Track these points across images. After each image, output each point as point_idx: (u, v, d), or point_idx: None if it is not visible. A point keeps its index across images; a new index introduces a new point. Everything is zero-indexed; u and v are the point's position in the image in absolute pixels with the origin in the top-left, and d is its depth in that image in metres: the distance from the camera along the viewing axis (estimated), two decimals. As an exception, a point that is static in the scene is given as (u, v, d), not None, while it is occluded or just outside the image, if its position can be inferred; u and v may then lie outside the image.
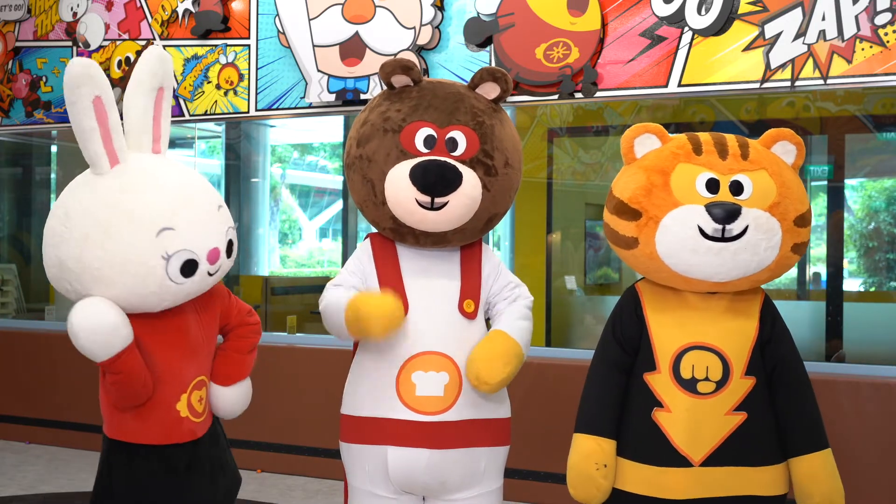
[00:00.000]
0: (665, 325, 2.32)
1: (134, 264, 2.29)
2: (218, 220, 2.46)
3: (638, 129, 2.37)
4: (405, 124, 2.45)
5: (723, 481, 2.22)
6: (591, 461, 2.28)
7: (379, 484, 2.48)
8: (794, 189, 2.26)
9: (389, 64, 2.51)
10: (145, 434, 2.44)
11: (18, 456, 5.29)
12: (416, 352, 2.43)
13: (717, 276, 2.23)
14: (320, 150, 11.93)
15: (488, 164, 2.46)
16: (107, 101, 2.35)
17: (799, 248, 2.27)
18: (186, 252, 2.34)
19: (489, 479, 2.53)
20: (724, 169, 2.24)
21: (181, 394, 2.46)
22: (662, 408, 2.26)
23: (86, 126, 2.34)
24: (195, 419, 2.50)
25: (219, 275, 2.50)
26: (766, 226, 2.20)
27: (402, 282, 2.50)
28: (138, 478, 2.45)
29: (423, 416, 2.40)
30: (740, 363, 2.24)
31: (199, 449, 2.53)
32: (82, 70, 2.31)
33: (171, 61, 2.60)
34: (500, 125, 2.54)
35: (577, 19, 4.11)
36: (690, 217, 2.20)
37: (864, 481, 3.73)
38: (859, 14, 3.63)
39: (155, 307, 2.40)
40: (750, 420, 2.23)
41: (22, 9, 5.62)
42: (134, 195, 2.35)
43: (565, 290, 6.53)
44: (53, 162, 7.47)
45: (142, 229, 2.30)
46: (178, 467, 2.48)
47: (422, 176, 2.37)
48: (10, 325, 6.07)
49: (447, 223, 2.44)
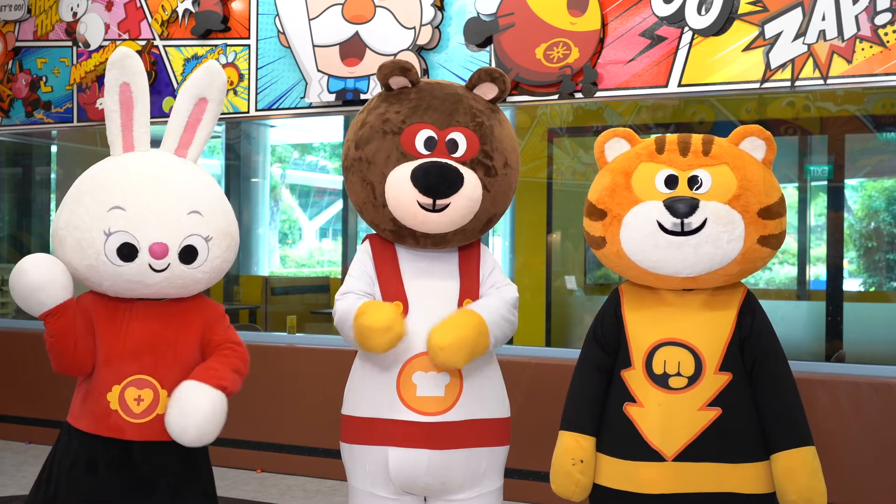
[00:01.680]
0: (640, 322, 2.35)
1: (81, 231, 2.44)
2: (184, 222, 2.47)
3: (607, 134, 2.46)
4: (405, 126, 2.45)
5: (698, 477, 2.22)
6: (569, 457, 2.34)
7: (379, 484, 2.48)
8: (758, 182, 2.26)
9: (387, 65, 2.51)
10: (79, 418, 2.53)
11: (18, 456, 5.29)
12: (417, 352, 2.42)
13: (683, 270, 2.25)
14: (320, 150, 11.94)
15: (488, 165, 2.47)
16: (135, 91, 2.56)
17: (768, 241, 2.27)
18: (126, 234, 2.42)
19: (490, 479, 2.53)
20: (683, 165, 2.29)
21: (113, 384, 2.47)
22: (635, 403, 2.29)
23: (108, 107, 2.56)
24: (126, 417, 2.46)
25: (173, 277, 2.47)
26: (725, 218, 2.21)
27: (402, 283, 2.51)
28: (67, 462, 2.49)
29: (424, 417, 2.40)
30: (714, 359, 2.25)
31: (133, 456, 2.47)
32: (119, 56, 2.55)
33: (224, 78, 2.70)
34: (499, 125, 2.54)
35: (577, 19, 4.11)
36: (649, 213, 2.25)
37: (864, 481, 3.73)
38: (859, 14, 3.63)
39: (97, 285, 2.49)
40: (725, 416, 2.23)
41: (22, 9, 5.62)
42: (110, 173, 2.52)
43: (565, 290, 6.53)
44: (53, 162, 7.46)
45: (98, 202, 2.45)
46: (98, 463, 2.47)
47: (423, 178, 2.37)
48: (10, 325, 6.07)
49: (448, 224, 2.44)
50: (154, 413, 2.48)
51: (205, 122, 2.66)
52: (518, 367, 4.21)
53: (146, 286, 2.48)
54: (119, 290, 2.49)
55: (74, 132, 6.48)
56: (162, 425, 2.46)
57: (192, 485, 2.58)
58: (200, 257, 2.50)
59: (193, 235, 2.48)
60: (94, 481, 2.47)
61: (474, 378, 2.47)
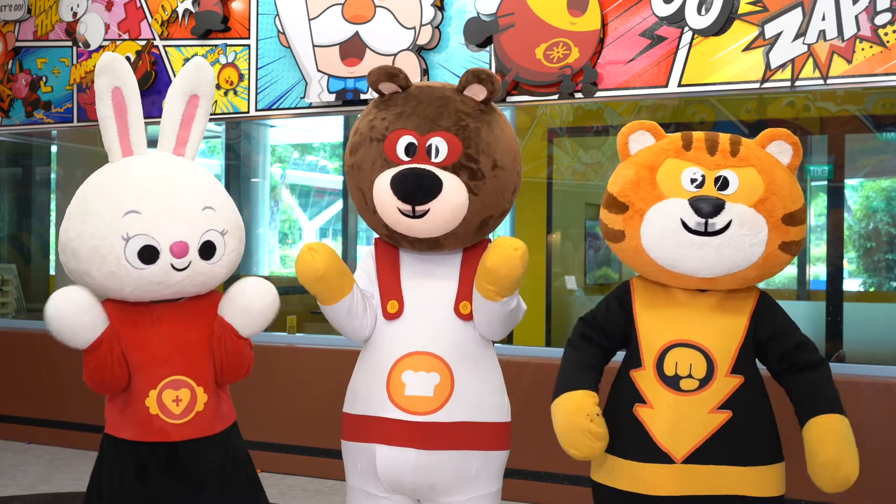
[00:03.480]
0: (652, 321, 2.33)
1: (97, 239, 2.42)
2: (200, 218, 2.49)
3: (633, 126, 2.41)
4: (388, 132, 2.45)
5: (708, 479, 2.21)
6: (583, 413, 2.22)
7: (370, 482, 2.50)
8: (784, 187, 2.24)
9: (374, 72, 2.50)
10: (121, 428, 2.51)
11: (18, 456, 5.29)
12: (408, 351, 2.43)
13: (702, 270, 2.23)
14: (320, 150, 11.93)
15: (473, 168, 2.43)
16: (127, 94, 2.53)
17: (789, 248, 2.25)
18: (146, 237, 2.41)
19: (483, 483, 2.51)
20: (710, 165, 2.26)
21: (149, 389, 2.48)
22: (645, 404, 2.27)
23: (103, 114, 2.53)
24: (168, 419, 2.49)
25: (195, 274, 2.49)
26: (750, 221, 2.19)
27: (399, 283, 2.51)
28: (116, 473, 2.49)
29: (411, 416, 2.40)
30: (726, 361, 2.24)
31: (180, 456, 2.50)
32: (107, 61, 2.52)
33: (211, 72, 2.71)
34: (488, 127, 2.49)
35: (577, 19, 4.11)
36: (674, 210, 2.22)
37: (864, 481, 3.72)
38: (859, 14, 3.63)
39: (118, 291, 2.47)
40: (735, 419, 2.21)
41: (22, 9, 5.62)
42: (117, 179, 2.50)
43: (565, 290, 6.53)
44: (53, 162, 7.46)
45: (111, 209, 2.43)
46: (148, 468, 2.48)
47: (400, 185, 2.38)
48: (10, 325, 6.07)
49: (433, 230, 2.43)
50: (194, 411, 2.52)
51: (198, 119, 2.67)
52: (518, 367, 4.21)
53: (168, 286, 2.48)
54: (141, 294, 2.48)
55: (74, 132, 6.47)
56: (204, 422, 2.52)
57: (235, 473, 2.61)
58: (219, 252, 2.53)
59: (210, 231, 2.51)
60: (146, 488, 2.48)
61: (469, 381, 2.46)
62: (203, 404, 2.52)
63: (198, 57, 2.72)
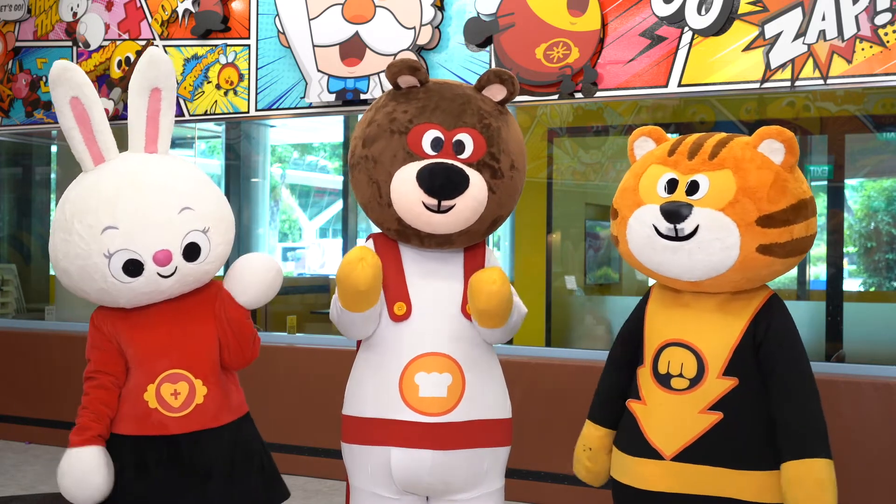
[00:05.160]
0: (655, 321, 2.36)
1: (82, 259, 2.42)
2: (178, 221, 2.47)
3: (636, 133, 2.46)
4: (412, 126, 2.43)
5: (697, 479, 2.21)
6: (581, 443, 2.50)
7: (381, 485, 2.48)
8: (761, 189, 2.17)
9: (396, 64, 2.49)
10: (120, 423, 2.52)
11: (18, 456, 5.29)
12: (419, 353, 2.42)
13: (683, 274, 2.24)
14: (320, 150, 11.94)
15: (494, 167, 2.45)
16: (86, 102, 2.48)
17: (770, 250, 2.17)
18: (127, 252, 2.40)
19: (491, 479, 2.54)
20: (685, 169, 2.25)
21: (147, 384, 2.48)
22: (640, 400, 2.31)
23: (66, 126, 2.49)
24: (167, 412, 2.49)
25: (183, 276, 2.50)
26: (717, 225, 2.16)
27: (406, 284, 2.50)
28: (116, 468, 2.50)
29: (426, 418, 2.40)
30: (718, 363, 2.22)
31: (181, 449, 2.50)
32: (59, 72, 2.45)
33: (167, 62, 2.64)
34: (507, 127, 2.53)
35: (577, 19, 4.11)
36: (647, 216, 2.25)
37: (864, 481, 3.73)
38: (859, 14, 3.63)
39: (114, 303, 2.50)
40: (726, 421, 2.19)
41: (22, 9, 5.62)
42: (91, 193, 2.47)
43: (565, 290, 6.53)
44: (53, 162, 7.47)
45: (89, 228, 2.41)
46: (148, 461, 2.48)
47: (429, 178, 2.36)
48: (10, 325, 6.06)
49: (453, 225, 2.43)
50: (193, 404, 2.51)
51: (164, 111, 2.62)
52: (518, 367, 4.21)
53: (160, 293, 2.49)
54: (136, 303, 2.51)
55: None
56: (206, 414, 2.52)
57: (246, 464, 2.61)
58: (204, 251, 2.51)
59: (192, 232, 2.48)
60: (146, 482, 2.48)
61: (477, 379, 2.47)
62: (203, 397, 2.51)
63: (152, 48, 2.66)
